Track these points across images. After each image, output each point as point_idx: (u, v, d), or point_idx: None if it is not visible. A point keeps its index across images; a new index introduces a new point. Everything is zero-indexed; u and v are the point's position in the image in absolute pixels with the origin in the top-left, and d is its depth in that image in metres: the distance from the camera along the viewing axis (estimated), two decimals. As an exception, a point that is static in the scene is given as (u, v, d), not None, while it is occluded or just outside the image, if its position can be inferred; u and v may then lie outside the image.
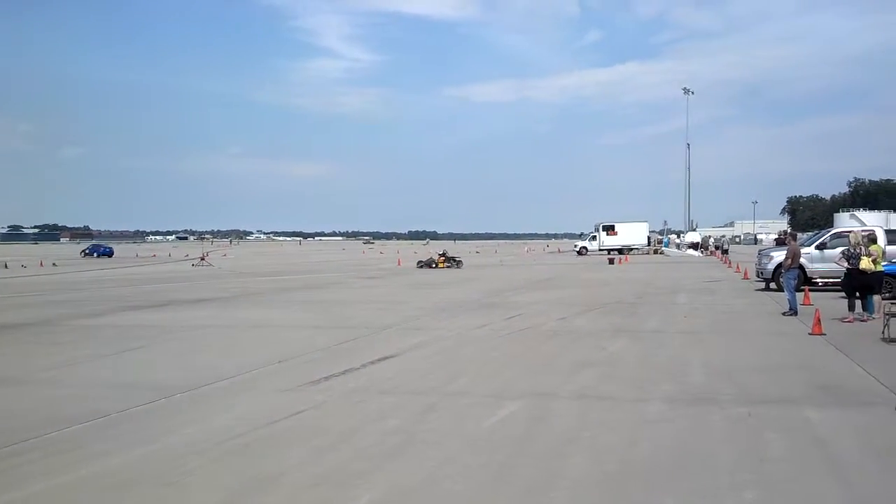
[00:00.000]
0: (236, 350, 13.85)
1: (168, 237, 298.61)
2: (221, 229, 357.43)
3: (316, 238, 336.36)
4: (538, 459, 6.82)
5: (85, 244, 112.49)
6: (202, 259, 53.83)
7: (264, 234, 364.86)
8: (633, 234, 79.84)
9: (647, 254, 76.68)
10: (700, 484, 6.12)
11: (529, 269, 46.17)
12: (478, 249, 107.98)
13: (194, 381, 10.63)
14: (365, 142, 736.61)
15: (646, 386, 10.06)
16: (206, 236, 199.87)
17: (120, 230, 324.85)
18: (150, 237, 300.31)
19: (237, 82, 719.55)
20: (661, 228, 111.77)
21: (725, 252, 61.03)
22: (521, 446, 7.25)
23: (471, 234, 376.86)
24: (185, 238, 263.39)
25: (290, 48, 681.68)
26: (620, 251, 72.39)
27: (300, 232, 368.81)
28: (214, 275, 40.87)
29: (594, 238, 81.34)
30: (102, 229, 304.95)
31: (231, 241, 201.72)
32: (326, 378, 10.73)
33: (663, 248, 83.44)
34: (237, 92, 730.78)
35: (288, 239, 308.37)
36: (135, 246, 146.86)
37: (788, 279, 19.17)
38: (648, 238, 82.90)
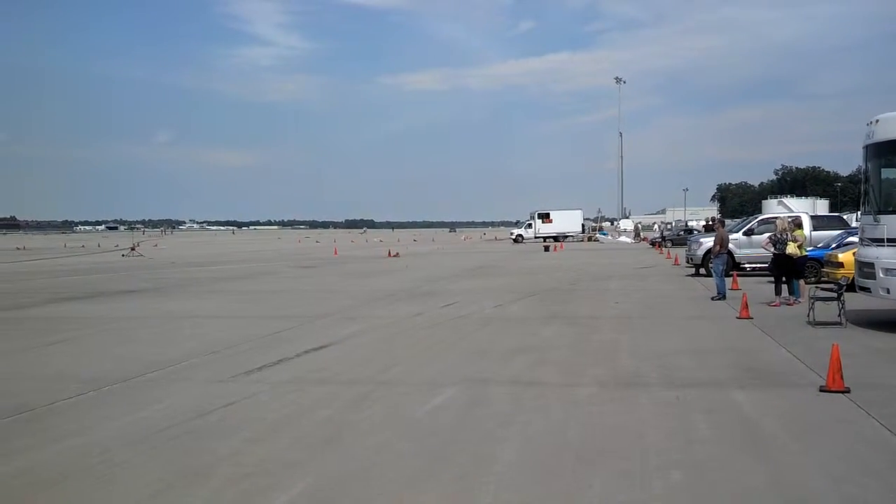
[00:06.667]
0: (168, 341, 13.60)
1: (98, 227, 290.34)
2: (153, 219, 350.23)
3: (251, 227, 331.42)
4: (472, 445, 6.87)
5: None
6: (132, 249, 52.61)
7: (197, 223, 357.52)
8: (567, 221, 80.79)
9: (582, 241, 77.78)
10: (628, 465, 6.24)
11: (466, 257, 46.32)
12: (415, 238, 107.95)
13: (124, 372, 10.42)
14: (300, 130, 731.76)
15: (577, 371, 10.22)
16: (137, 226, 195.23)
17: (48, 220, 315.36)
18: (79, 227, 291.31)
19: (163, 70, 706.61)
20: (596, 216, 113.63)
21: (664, 240, 59.42)
22: (455, 433, 7.29)
23: (408, 222, 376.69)
24: (116, 228, 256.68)
25: (221, 34, 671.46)
26: (556, 238, 73.33)
27: (234, 221, 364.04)
28: (145, 265, 40.00)
29: (530, 226, 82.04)
30: (30, 219, 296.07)
31: (163, 231, 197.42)
32: (259, 369, 10.63)
33: (598, 236, 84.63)
34: (165, 81, 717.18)
35: (222, 228, 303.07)
36: (63, 236, 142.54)
37: (717, 264, 19.63)
38: (583, 225, 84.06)
